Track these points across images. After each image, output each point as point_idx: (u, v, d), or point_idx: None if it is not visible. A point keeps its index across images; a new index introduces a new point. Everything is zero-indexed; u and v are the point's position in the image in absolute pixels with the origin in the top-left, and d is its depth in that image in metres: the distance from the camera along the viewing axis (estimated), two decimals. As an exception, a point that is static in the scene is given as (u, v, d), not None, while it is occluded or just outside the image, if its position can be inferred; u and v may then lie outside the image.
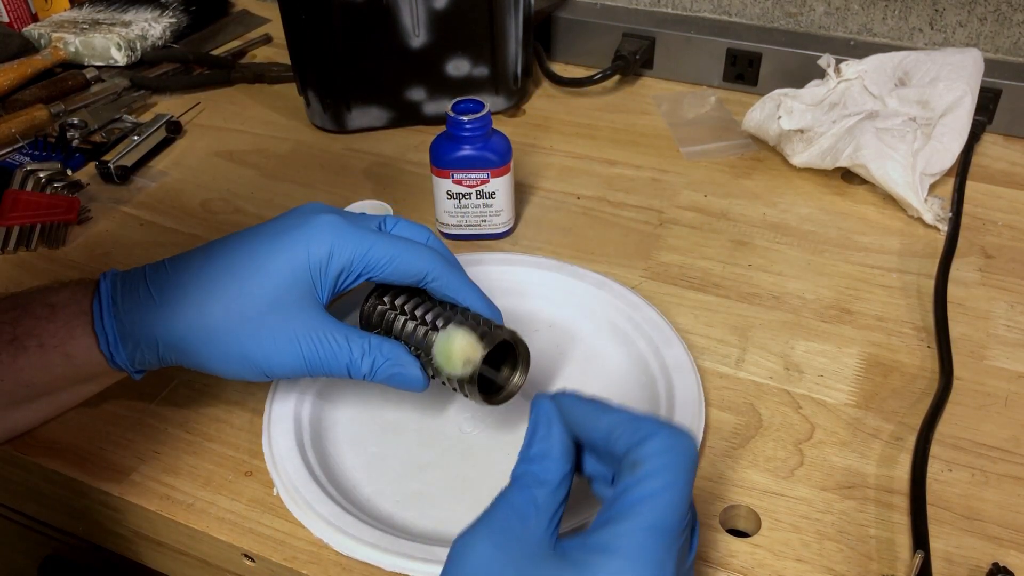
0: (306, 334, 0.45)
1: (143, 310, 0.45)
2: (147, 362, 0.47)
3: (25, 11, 1.03)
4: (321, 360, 0.45)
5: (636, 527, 0.30)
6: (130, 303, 0.46)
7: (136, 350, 0.46)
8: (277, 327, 0.45)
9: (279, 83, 0.92)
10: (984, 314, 0.59)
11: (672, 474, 0.31)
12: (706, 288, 0.62)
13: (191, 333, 0.45)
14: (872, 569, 0.43)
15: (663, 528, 0.30)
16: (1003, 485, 0.47)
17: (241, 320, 0.44)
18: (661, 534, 0.30)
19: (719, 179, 0.74)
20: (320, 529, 0.44)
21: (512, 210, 0.66)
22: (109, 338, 0.46)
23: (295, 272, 0.45)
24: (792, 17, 0.88)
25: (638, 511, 0.30)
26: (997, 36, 0.81)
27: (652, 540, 0.30)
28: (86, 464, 0.50)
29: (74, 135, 0.80)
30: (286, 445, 0.48)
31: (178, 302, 0.45)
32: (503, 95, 0.83)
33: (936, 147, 0.68)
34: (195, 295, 0.45)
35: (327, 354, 0.45)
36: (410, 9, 0.75)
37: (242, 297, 0.45)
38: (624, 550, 0.29)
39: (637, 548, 0.29)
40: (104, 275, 0.47)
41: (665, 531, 0.30)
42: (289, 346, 0.45)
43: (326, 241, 0.45)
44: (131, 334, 0.45)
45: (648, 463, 0.31)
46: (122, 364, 0.46)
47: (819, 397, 0.53)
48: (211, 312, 0.45)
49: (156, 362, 0.47)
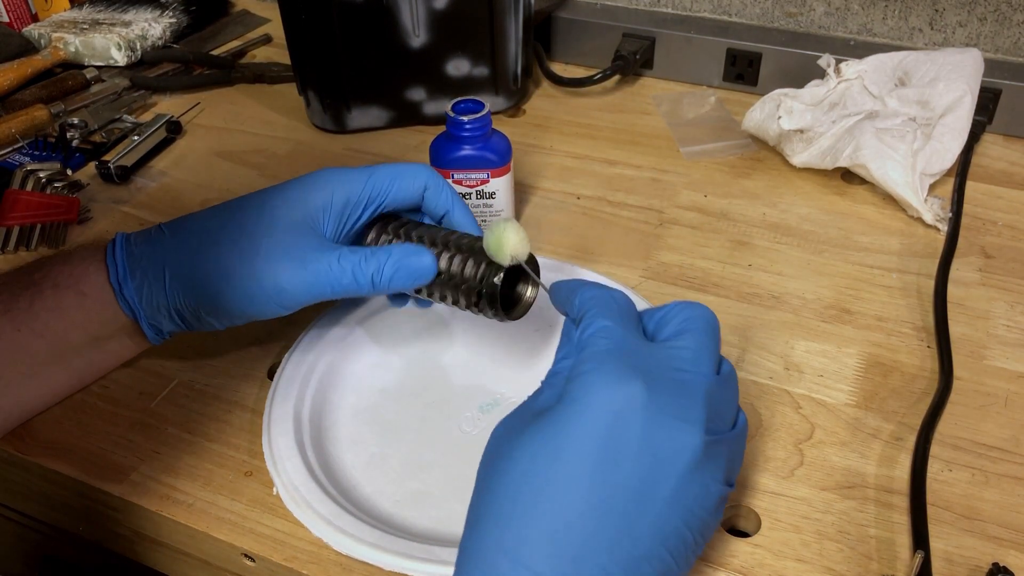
0: (312, 252, 0.46)
1: (153, 244, 0.48)
2: (155, 300, 0.48)
3: (25, 11, 1.03)
4: (330, 273, 0.46)
5: (699, 321, 0.39)
6: (142, 239, 0.49)
7: (144, 282, 0.47)
8: (284, 252, 0.46)
9: (279, 83, 0.92)
10: (984, 314, 0.59)
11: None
12: (706, 288, 0.62)
13: (198, 258, 0.47)
14: (872, 569, 0.43)
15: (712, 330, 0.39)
16: (1003, 485, 0.47)
17: (250, 250, 0.46)
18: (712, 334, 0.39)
19: (719, 179, 0.74)
20: (320, 528, 0.44)
21: (512, 210, 0.66)
22: (119, 269, 0.48)
23: (304, 214, 0.47)
24: (792, 17, 0.88)
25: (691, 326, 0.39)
26: (997, 36, 0.81)
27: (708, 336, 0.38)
28: (86, 464, 0.50)
29: (74, 135, 0.80)
30: (286, 445, 0.48)
31: (187, 236, 0.48)
32: (503, 95, 0.83)
33: (936, 147, 0.68)
34: (204, 232, 0.47)
35: (334, 265, 0.47)
36: (410, 9, 0.75)
37: (249, 237, 0.47)
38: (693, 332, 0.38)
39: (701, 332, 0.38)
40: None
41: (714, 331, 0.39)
42: (295, 264, 0.46)
43: (328, 182, 0.49)
44: (140, 264, 0.48)
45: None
46: (130, 299, 0.48)
47: (819, 397, 0.53)
48: (218, 240, 0.47)
49: (163, 299, 0.47)
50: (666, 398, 0.34)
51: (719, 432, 0.36)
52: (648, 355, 0.36)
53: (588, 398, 0.34)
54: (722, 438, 0.36)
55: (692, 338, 0.37)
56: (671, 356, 0.37)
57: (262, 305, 0.47)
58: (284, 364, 0.53)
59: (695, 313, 0.39)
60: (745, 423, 0.39)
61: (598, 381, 0.34)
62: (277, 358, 0.56)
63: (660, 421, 0.34)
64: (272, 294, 0.46)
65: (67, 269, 0.48)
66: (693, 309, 0.39)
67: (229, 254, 0.46)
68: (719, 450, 0.35)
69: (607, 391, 0.34)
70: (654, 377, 0.35)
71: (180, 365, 0.56)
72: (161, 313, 0.48)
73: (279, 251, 0.46)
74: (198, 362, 0.56)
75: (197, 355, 0.57)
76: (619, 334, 0.37)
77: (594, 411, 0.34)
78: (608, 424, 0.33)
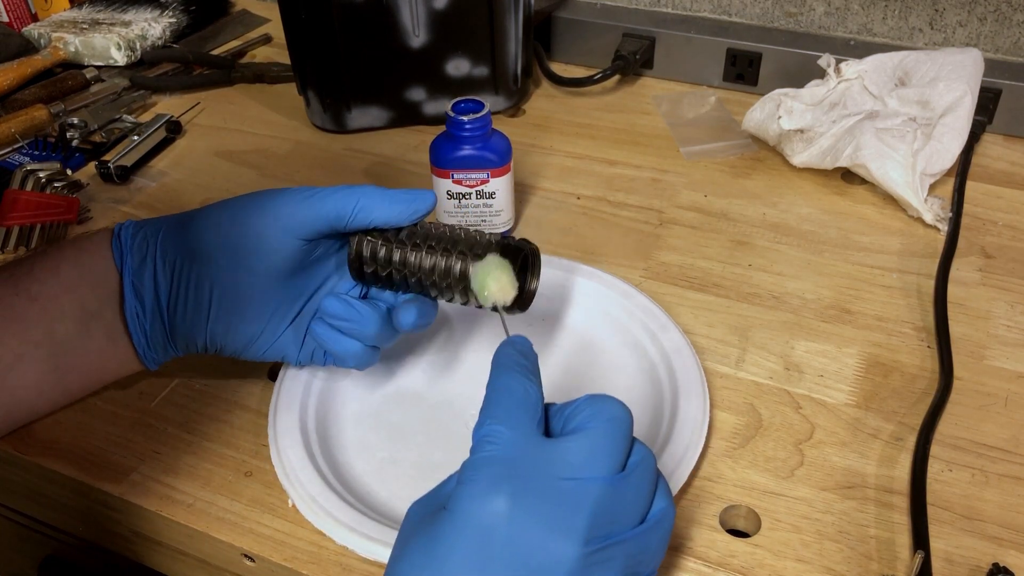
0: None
1: (157, 220, 0.50)
2: (147, 244, 0.48)
3: (25, 11, 1.03)
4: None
5: (600, 417, 0.37)
6: (149, 218, 0.50)
7: (139, 233, 0.49)
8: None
9: (279, 83, 0.92)
10: (984, 314, 0.59)
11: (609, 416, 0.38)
12: (706, 288, 0.62)
13: (198, 221, 0.48)
14: (872, 569, 0.43)
15: (621, 420, 0.37)
16: (1003, 485, 0.47)
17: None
18: (620, 424, 0.37)
19: (719, 179, 0.74)
20: (344, 536, 0.44)
21: (512, 210, 0.66)
22: (123, 226, 0.49)
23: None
24: (792, 17, 0.88)
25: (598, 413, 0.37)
26: (997, 36, 0.81)
27: (613, 427, 0.36)
28: (86, 464, 0.50)
29: (74, 135, 0.80)
30: (296, 456, 0.48)
31: (191, 213, 0.49)
32: (503, 95, 0.83)
33: (936, 147, 0.68)
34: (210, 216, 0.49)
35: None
36: (410, 9, 0.75)
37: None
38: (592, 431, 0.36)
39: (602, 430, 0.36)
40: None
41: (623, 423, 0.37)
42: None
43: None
44: (142, 228, 0.49)
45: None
46: (125, 241, 0.48)
47: (819, 397, 0.53)
48: (220, 231, 0.48)
49: (155, 250, 0.48)
50: (538, 509, 0.34)
51: (614, 535, 0.34)
52: (534, 460, 0.35)
53: (459, 510, 0.34)
54: (616, 541, 0.34)
55: (588, 437, 0.36)
56: (560, 459, 0.35)
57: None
58: (283, 374, 0.53)
59: (598, 408, 0.37)
60: (663, 512, 0.36)
61: (468, 493, 0.34)
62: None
63: (528, 535, 0.33)
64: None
65: (75, 232, 0.50)
66: (599, 404, 0.37)
67: (224, 235, 0.48)
68: (610, 554, 0.34)
69: (475, 504, 0.34)
70: (530, 486, 0.34)
71: (180, 365, 0.56)
72: (147, 267, 0.48)
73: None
74: (198, 362, 0.56)
75: (197, 355, 0.57)
76: (505, 438, 0.36)
77: (464, 524, 0.34)
78: (476, 537, 0.33)
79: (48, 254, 0.49)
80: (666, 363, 0.52)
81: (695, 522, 0.45)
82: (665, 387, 0.52)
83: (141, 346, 0.49)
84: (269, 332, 0.49)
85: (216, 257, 0.47)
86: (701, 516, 0.46)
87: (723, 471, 0.48)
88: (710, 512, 0.46)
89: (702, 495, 0.47)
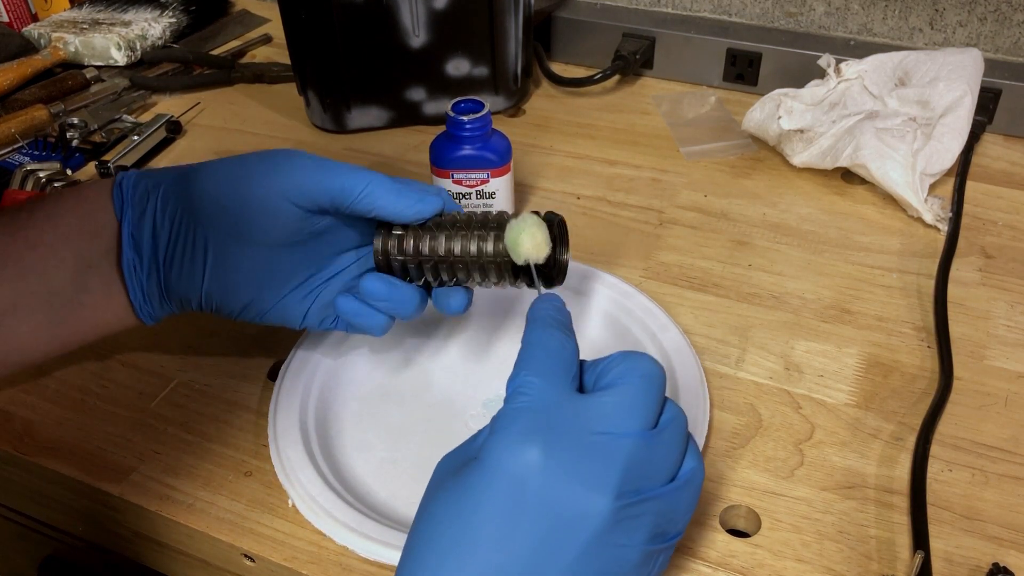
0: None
1: (160, 171, 0.49)
2: (148, 196, 0.47)
3: (25, 11, 1.04)
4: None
5: (634, 373, 0.37)
6: (151, 168, 0.50)
7: (140, 183, 0.48)
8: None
9: (279, 83, 0.92)
10: (984, 314, 0.59)
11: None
12: (706, 288, 0.62)
13: (202, 177, 0.47)
14: (872, 569, 0.43)
15: (653, 377, 0.37)
16: (1003, 485, 0.47)
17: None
18: (652, 380, 0.37)
19: (719, 179, 0.74)
20: (344, 536, 0.44)
21: (512, 210, 0.66)
22: (125, 175, 0.48)
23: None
24: (792, 17, 0.88)
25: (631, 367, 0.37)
26: (997, 36, 0.81)
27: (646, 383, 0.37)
28: (86, 464, 0.50)
29: (74, 135, 0.80)
30: (296, 456, 0.48)
31: (195, 166, 0.48)
32: (503, 95, 0.83)
33: (936, 147, 0.68)
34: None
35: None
36: (410, 9, 0.75)
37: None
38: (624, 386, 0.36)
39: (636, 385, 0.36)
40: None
41: (654, 379, 0.37)
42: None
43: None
44: (144, 179, 0.48)
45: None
46: (126, 192, 0.47)
47: (819, 397, 0.53)
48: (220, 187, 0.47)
49: (156, 203, 0.47)
50: (571, 462, 0.33)
51: (645, 491, 0.34)
52: (567, 413, 0.35)
53: (490, 460, 0.34)
54: (647, 497, 0.34)
55: (621, 392, 0.36)
56: (593, 413, 0.35)
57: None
58: (283, 374, 0.53)
59: (632, 364, 0.37)
60: (693, 471, 0.37)
61: (501, 443, 0.34)
62: (277, 358, 0.56)
63: (560, 487, 0.33)
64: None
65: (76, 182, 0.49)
66: (632, 360, 0.37)
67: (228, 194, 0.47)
68: (641, 510, 0.34)
69: (507, 454, 0.34)
70: (563, 439, 0.34)
71: (180, 365, 0.56)
72: (146, 220, 0.47)
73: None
74: (198, 362, 0.56)
75: (197, 355, 0.57)
76: (539, 389, 0.36)
77: (495, 474, 0.34)
78: (507, 488, 0.33)
79: (47, 201, 0.48)
80: (666, 363, 0.52)
81: (695, 522, 0.45)
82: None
83: (137, 300, 0.48)
84: (266, 298, 0.49)
85: (215, 216, 0.46)
86: (701, 516, 0.46)
87: (723, 471, 0.48)
88: (710, 512, 0.46)
89: (702, 495, 0.46)
